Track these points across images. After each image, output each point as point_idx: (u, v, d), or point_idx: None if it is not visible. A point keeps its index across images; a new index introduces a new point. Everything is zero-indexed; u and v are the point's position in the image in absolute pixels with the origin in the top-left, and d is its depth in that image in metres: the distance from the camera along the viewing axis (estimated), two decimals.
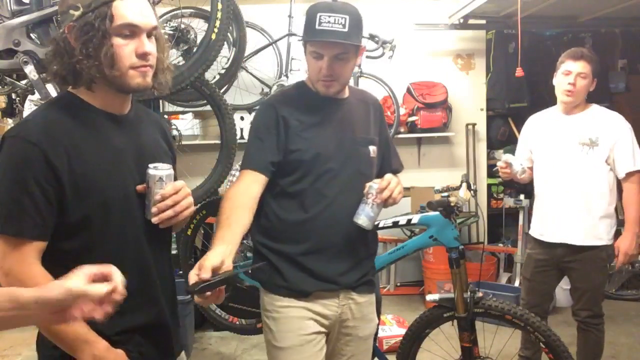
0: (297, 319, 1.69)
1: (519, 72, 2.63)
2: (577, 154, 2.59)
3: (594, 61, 2.59)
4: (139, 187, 1.31)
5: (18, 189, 1.18)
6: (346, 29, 1.61)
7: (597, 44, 4.96)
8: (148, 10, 1.28)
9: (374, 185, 1.69)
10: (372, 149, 1.80)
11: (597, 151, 2.56)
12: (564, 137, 2.63)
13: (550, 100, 2.79)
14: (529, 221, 3.05)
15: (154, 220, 1.31)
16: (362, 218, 1.68)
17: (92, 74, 1.24)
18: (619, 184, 2.65)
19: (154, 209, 1.30)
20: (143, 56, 1.26)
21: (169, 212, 1.31)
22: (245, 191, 1.65)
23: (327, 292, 1.73)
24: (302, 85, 1.80)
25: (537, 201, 2.79)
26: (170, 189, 1.31)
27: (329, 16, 1.60)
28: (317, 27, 1.60)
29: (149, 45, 1.27)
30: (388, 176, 1.73)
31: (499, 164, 2.59)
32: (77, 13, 1.23)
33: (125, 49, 1.24)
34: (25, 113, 2.71)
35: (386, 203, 1.70)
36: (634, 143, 2.59)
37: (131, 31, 1.24)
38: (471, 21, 4.70)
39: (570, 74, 2.57)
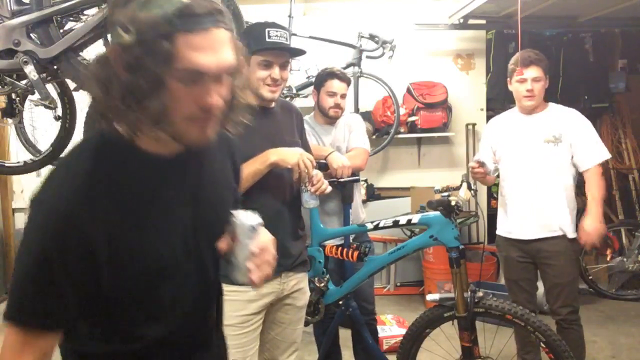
0: (242, 302, 1.87)
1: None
2: (543, 151, 2.67)
3: (543, 61, 2.68)
4: (223, 246, 1.09)
5: (41, 273, 0.91)
6: (288, 42, 1.93)
7: (597, 44, 4.95)
8: (225, 46, 0.94)
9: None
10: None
11: (561, 147, 2.64)
12: (528, 136, 2.71)
13: (550, 100, 2.79)
14: None
15: (255, 279, 1.08)
16: (312, 202, 2.06)
17: (133, 123, 0.95)
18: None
19: (250, 265, 1.08)
20: (207, 109, 0.94)
21: (268, 269, 1.10)
22: None
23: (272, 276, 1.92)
24: None
25: (505, 200, 2.86)
26: (268, 241, 1.13)
27: (277, 31, 1.88)
28: (267, 39, 1.86)
29: (218, 95, 0.94)
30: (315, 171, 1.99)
31: (471, 164, 2.64)
32: (126, 37, 0.88)
33: (185, 98, 0.92)
34: (26, 113, 2.70)
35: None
36: (593, 137, 2.67)
37: (198, 77, 0.92)
38: (471, 21, 4.70)
39: (525, 81, 2.65)
